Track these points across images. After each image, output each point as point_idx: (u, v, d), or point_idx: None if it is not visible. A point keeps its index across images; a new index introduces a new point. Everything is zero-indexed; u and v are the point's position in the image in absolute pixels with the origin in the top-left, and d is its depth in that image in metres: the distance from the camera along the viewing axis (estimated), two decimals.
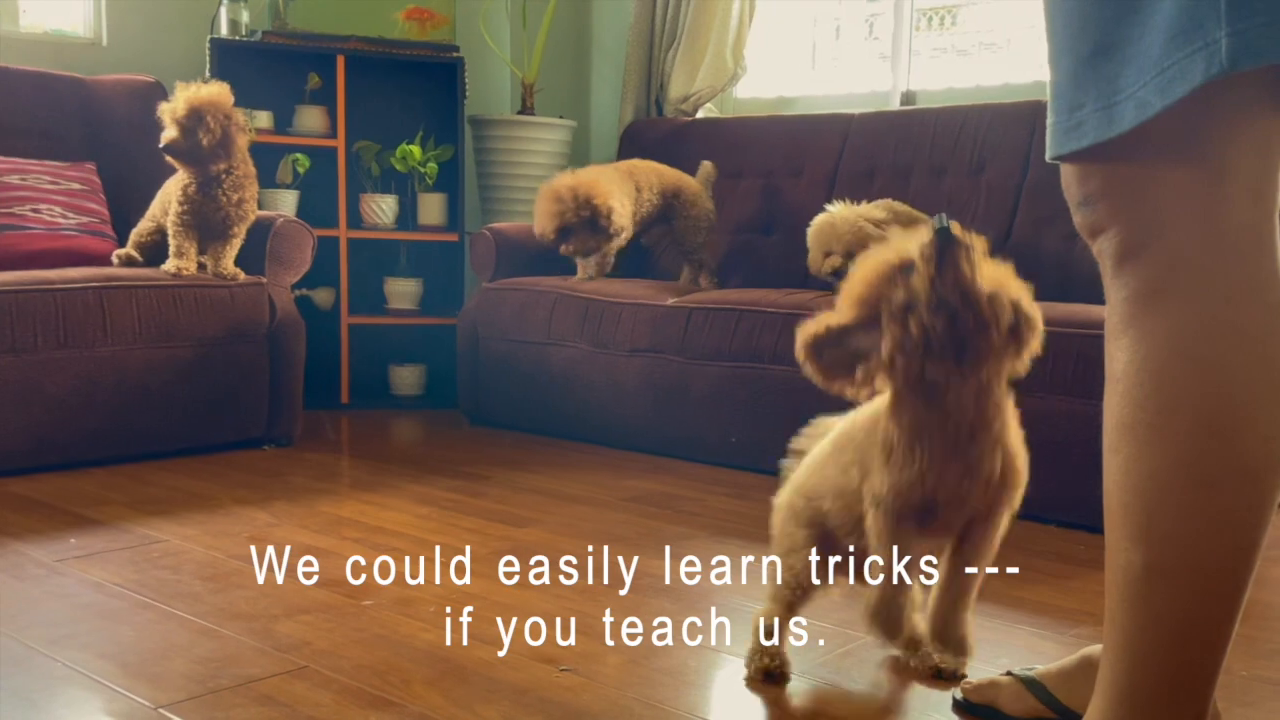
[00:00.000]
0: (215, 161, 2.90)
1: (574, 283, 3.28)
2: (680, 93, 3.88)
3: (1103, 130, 0.96)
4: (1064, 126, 1.00)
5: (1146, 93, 0.93)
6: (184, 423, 2.85)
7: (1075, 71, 0.99)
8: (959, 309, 1.27)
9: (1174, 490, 0.97)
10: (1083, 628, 1.74)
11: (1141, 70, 0.93)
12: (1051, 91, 1.02)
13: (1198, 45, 0.89)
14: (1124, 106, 0.95)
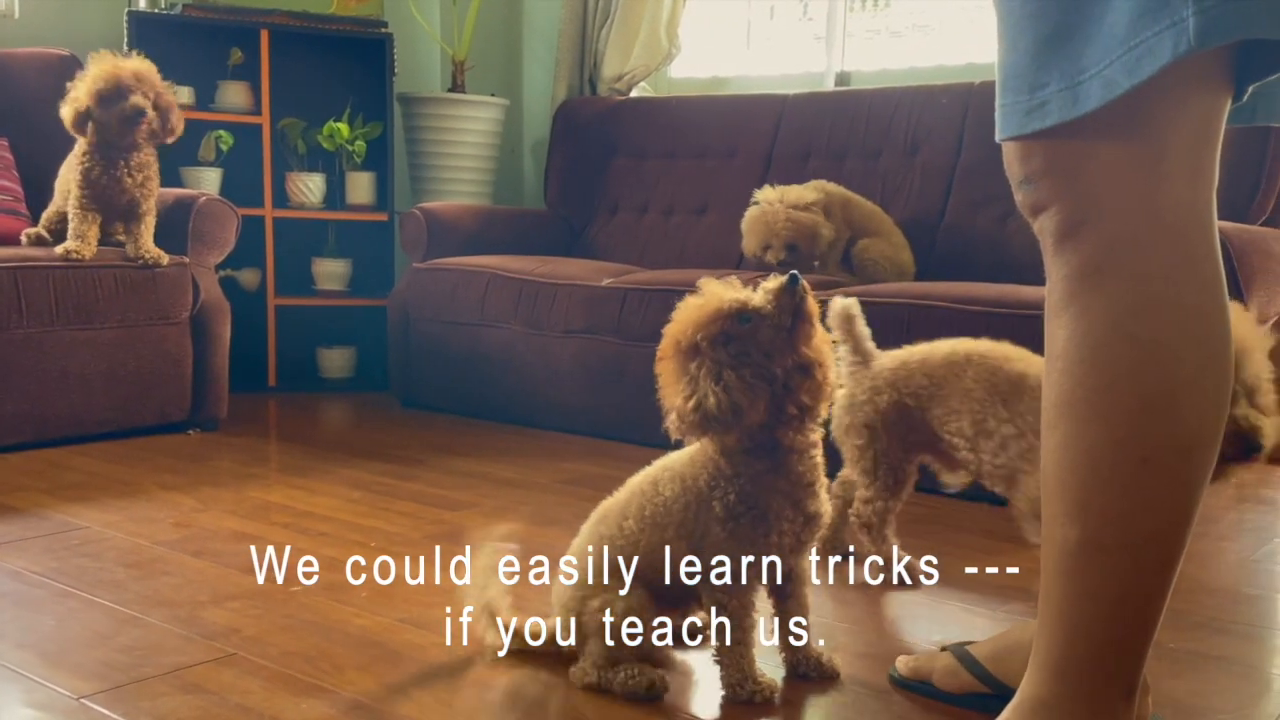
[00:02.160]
0: (166, 138, 2.85)
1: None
2: (614, 71, 3.85)
3: (1067, 110, 0.96)
4: (1025, 107, 0.99)
5: (1113, 71, 0.92)
6: (105, 406, 2.77)
7: (1035, 51, 0.98)
8: (813, 367, 1.33)
9: (1111, 466, 0.98)
10: (1015, 603, 1.77)
11: (1108, 49, 0.92)
12: (1006, 71, 1.01)
13: (1165, 24, 0.89)
14: (1090, 85, 0.94)
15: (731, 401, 1.30)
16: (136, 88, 2.75)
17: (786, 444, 1.36)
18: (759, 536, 1.36)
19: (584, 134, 3.83)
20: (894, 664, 1.45)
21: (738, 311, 1.33)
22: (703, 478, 1.39)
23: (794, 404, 1.34)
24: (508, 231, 3.64)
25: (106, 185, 2.78)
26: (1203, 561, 2.03)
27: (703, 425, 1.32)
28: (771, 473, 1.36)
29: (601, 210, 3.78)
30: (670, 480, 1.42)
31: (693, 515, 1.38)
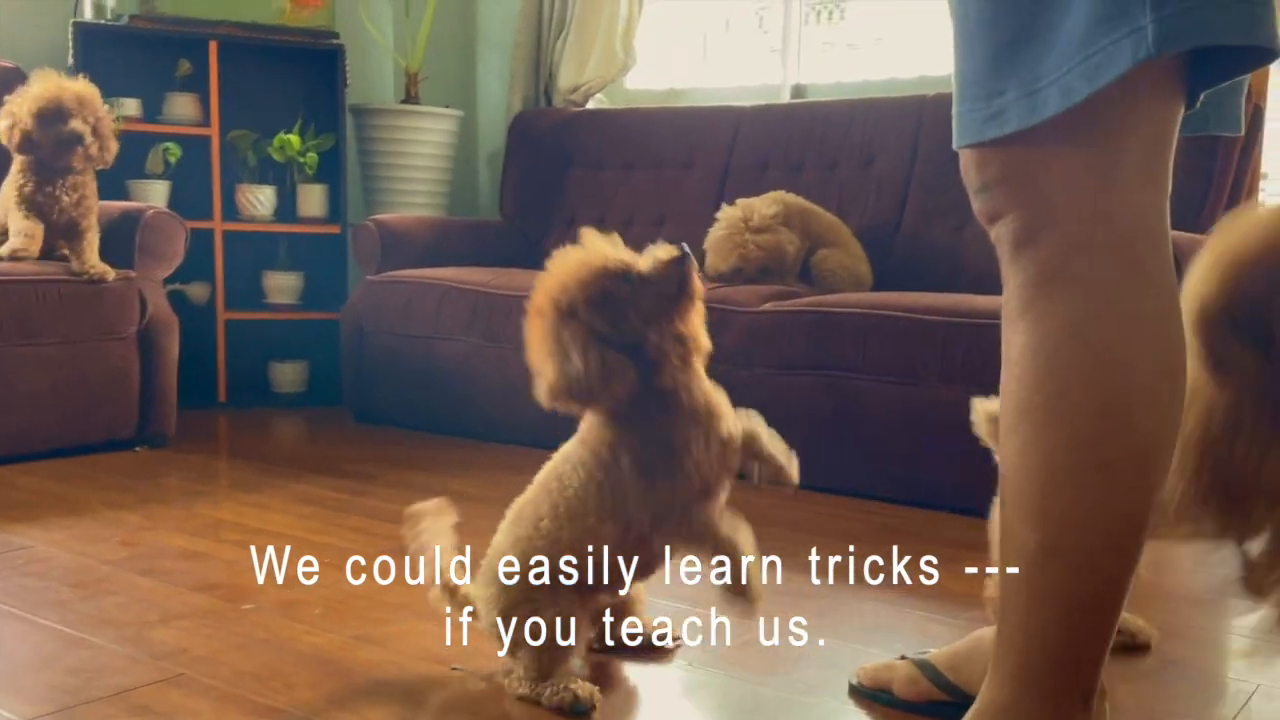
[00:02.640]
0: (102, 164, 2.83)
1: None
2: (570, 83, 3.84)
3: (1025, 117, 0.96)
4: (983, 114, 0.99)
5: (1071, 78, 0.92)
6: (50, 423, 2.70)
7: (993, 58, 0.98)
8: (688, 343, 1.35)
9: (1069, 472, 0.98)
10: (975, 611, 1.76)
11: (1065, 56, 0.93)
12: (964, 79, 1.01)
13: (1124, 30, 0.89)
14: (1048, 92, 0.94)
15: (601, 373, 1.28)
16: (77, 111, 2.72)
17: (670, 385, 1.34)
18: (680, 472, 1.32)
19: (540, 145, 3.82)
20: (854, 673, 1.44)
21: (622, 272, 1.31)
22: (602, 450, 1.36)
23: (667, 373, 1.33)
24: (463, 243, 3.61)
25: (43, 203, 2.74)
26: (1157, 567, 2.05)
27: (570, 395, 1.31)
28: (664, 412, 1.33)
29: (558, 221, 3.76)
30: (572, 469, 1.39)
31: (608, 492, 1.35)
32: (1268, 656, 1.61)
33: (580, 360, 1.30)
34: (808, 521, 2.31)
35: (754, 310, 2.70)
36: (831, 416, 2.55)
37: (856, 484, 2.53)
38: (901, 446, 2.46)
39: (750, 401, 2.69)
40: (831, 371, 2.55)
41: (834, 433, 2.56)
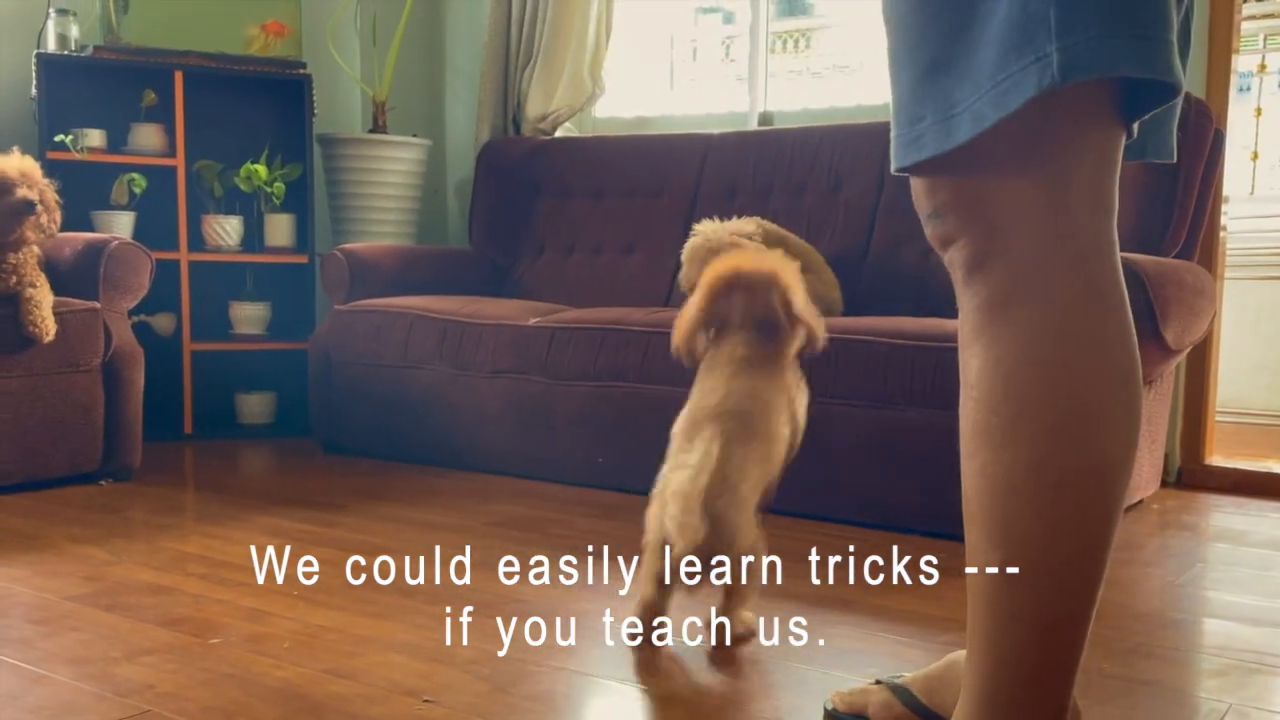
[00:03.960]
0: (51, 233, 2.78)
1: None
2: (538, 111, 3.85)
3: (941, 142, 0.98)
4: (905, 139, 1.02)
5: (982, 105, 0.95)
6: (11, 458, 2.66)
7: (913, 85, 1.01)
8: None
9: (1028, 492, 0.99)
10: (948, 634, 1.76)
11: (977, 84, 0.95)
12: (893, 105, 1.05)
13: (1029, 59, 0.91)
14: (960, 119, 0.97)
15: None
16: (22, 182, 2.67)
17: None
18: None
19: (508, 174, 3.82)
20: (829, 698, 1.44)
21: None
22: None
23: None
24: (432, 272, 3.60)
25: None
26: (1128, 587, 2.06)
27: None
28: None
29: (528, 250, 3.76)
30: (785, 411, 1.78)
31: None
32: (1240, 676, 1.62)
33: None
34: (774, 546, 2.30)
35: None
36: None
37: (823, 508, 2.53)
38: (869, 470, 2.47)
39: None
40: None
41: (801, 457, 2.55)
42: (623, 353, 2.83)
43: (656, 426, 2.77)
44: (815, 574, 2.11)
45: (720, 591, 1.68)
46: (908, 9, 1.01)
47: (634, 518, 2.53)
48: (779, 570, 2.12)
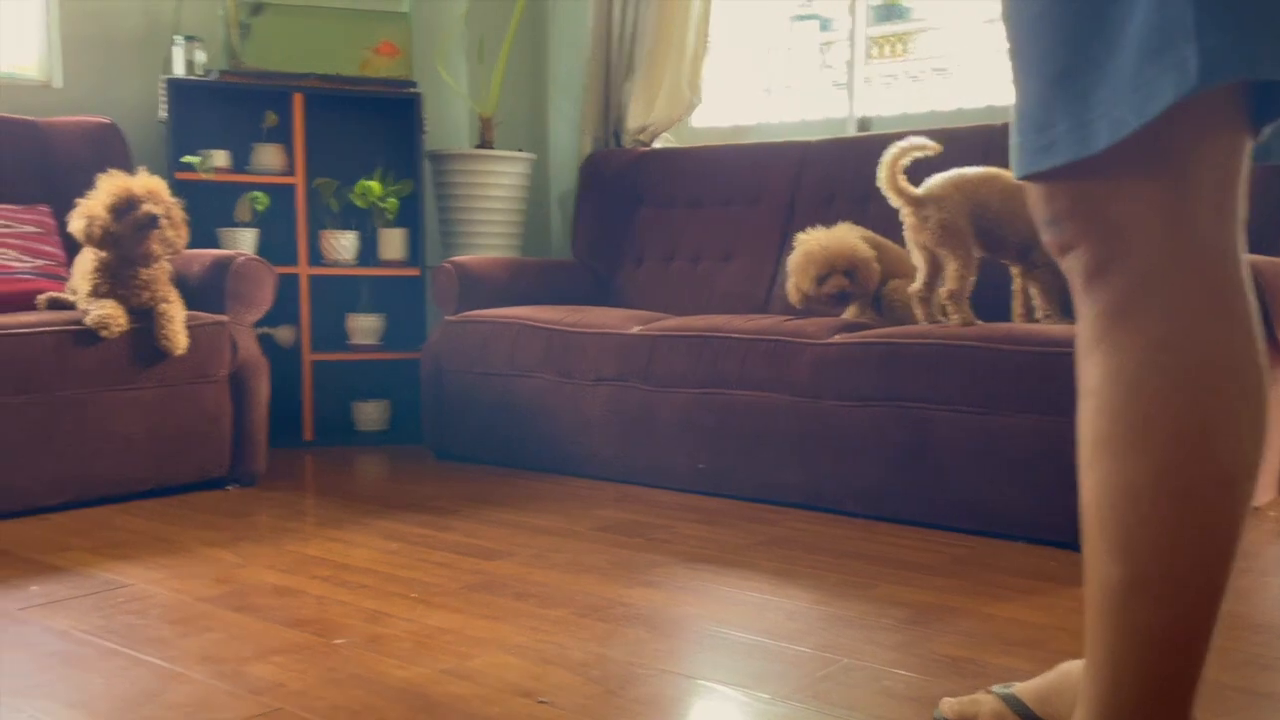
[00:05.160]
0: (179, 249, 2.88)
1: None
2: (638, 123, 3.90)
3: (1077, 149, 0.97)
4: (1034, 146, 1.01)
5: (1121, 111, 0.94)
6: (146, 465, 2.81)
7: (1044, 92, 1.00)
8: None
9: (1151, 502, 0.98)
10: (1057, 643, 1.76)
11: (1115, 89, 0.94)
12: (1018, 111, 1.03)
13: (1169, 63, 0.90)
14: (1098, 125, 0.95)
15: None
16: (147, 198, 2.75)
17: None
18: None
19: (610, 185, 3.89)
20: (938, 707, 1.45)
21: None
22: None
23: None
24: (537, 283, 3.68)
25: (125, 296, 2.78)
26: (1246, 597, 2.02)
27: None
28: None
29: (628, 259, 3.82)
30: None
31: None
32: None
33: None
34: (881, 553, 2.32)
35: (823, 342, 2.72)
36: (903, 447, 2.55)
37: (928, 514, 2.53)
38: (974, 477, 2.46)
39: (820, 432, 2.71)
40: (903, 403, 2.55)
41: (906, 463, 2.56)
42: (722, 360, 2.86)
43: (755, 432, 2.81)
44: (923, 581, 2.11)
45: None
46: (1036, 14, 1.00)
47: (733, 522, 2.57)
48: (888, 581, 2.13)
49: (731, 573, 2.17)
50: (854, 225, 3.05)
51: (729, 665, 1.68)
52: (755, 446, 2.80)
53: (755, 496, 2.80)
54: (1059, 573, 2.16)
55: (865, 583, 2.10)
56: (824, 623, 1.86)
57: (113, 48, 3.64)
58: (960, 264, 2.63)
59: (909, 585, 2.08)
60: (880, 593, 2.03)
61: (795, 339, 2.77)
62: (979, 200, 2.66)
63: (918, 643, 1.76)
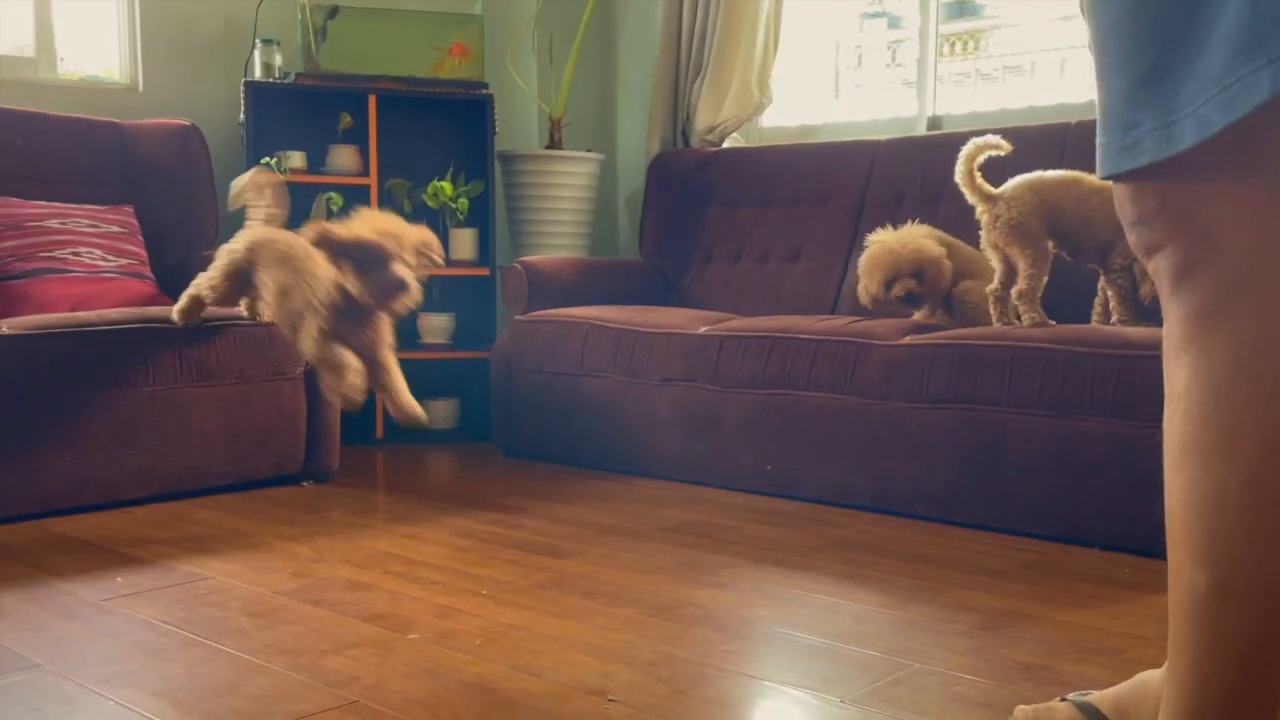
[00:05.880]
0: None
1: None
2: (707, 123, 3.91)
3: (1162, 148, 0.96)
4: (1119, 145, 1.00)
5: (1209, 110, 0.92)
6: (224, 460, 2.88)
7: (1130, 90, 0.99)
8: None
9: (1240, 509, 0.97)
10: (1133, 651, 1.73)
11: (1203, 87, 0.93)
12: (1102, 110, 1.02)
13: (1263, 60, 0.88)
14: (1184, 124, 0.94)
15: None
16: (397, 255, 2.37)
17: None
18: None
19: (678, 185, 3.89)
20: (1012, 714, 1.43)
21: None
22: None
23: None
24: (605, 283, 3.70)
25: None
26: None
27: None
28: None
29: (696, 259, 3.82)
30: None
31: None
32: None
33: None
34: (951, 557, 2.30)
35: (893, 343, 2.70)
36: (974, 450, 2.52)
37: (1000, 519, 2.50)
38: (1046, 481, 2.43)
39: (889, 434, 2.70)
40: (974, 405, 2.53)
41: (977, 467, 2.53)
42: (790, 360, 2.85)
43: (823, 434, 2.80)
44: (994, 586, 2.09)
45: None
46: (1123, 12, 0.99)
47: (801, 525, 2.57)
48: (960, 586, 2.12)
49: (800, 575, 2.17)
50: (925, 225, 3.03)
51: (797, 668, 1.68)
52: (824, 448, 2.79)
53: (823, 499, 2.79)
54: (1133, 579, 2.13)
55: (935, 587, 2.08)
56: (893, 627, 1.86)
57: (193, 51, 3.73)
58: (1030, 264, 2.62)
59: (980, 590, 2.06)
60: (951, 597, 2.01)
61: (864, 340, 2.75)
62: (1053, 203, 2.64)
63: (989, 648, 1.75)
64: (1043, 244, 2.64)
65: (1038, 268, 2.63)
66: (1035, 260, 2.62)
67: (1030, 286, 2.62)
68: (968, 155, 2.70)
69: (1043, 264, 2.63)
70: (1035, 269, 2.62)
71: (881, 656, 1.71)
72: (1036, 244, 2.63)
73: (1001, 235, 2.65)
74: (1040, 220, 2.64)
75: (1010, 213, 2.63)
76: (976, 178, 2.69)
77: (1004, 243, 2.66)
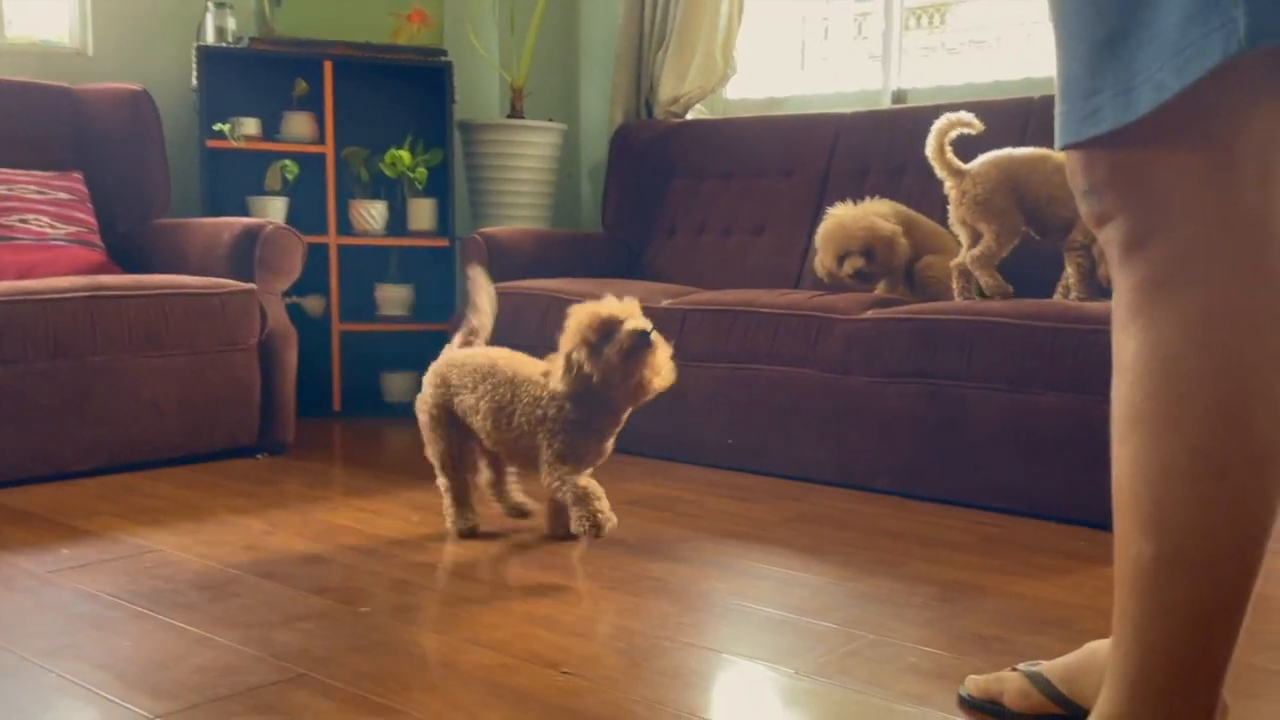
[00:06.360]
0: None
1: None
2: (670, 94, 3.87)
3: (1121, 115, 0.95)
4: (1080, 113, 0.99)
5: (1164, 74, 0.91)
6: (176, 432, 2.83)
7: (1090, 58, 0.98)
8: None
9: (1186, 479, 0.97)
10: (1086, 622, 1.74)
11: (1158, 52, 0.92)
12: (1062, 80, 1.01)
13: (1215, 24, 0.88)
14: (1141, 90, 0.93)
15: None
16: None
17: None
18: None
19: (641, 157, 3.86)
20: (964, 684, 1.43)
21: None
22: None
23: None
24: (567, 254, 3.67)
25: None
26: (1277, 578, 1.98)
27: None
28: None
29: (659, 232, 3.79)
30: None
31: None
32: None
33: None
34: (911, 531, 2.30)
35: (855, 317, 2.69)
36: (935, 424, 2.52)
37: (960, 493, 2.51)
38: (1007, 455, 2.43)
39: (851, 408, 2.69)
40: (935, 380, 2.52)
41: (938, 441, 2.53)
42: (752, 335, 2.84)
43: (785, 408, 2.79)
44: (952, 559, 2.09)
45: None
46: None
47: (764, 499, 2.56)
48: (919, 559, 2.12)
49: (760, 548, 2.16)
50: (886, 200, 3.01)
51: (753, 640, 1.67)
52: (786, 423, 2.78)
53: (786, 473, 2.79)
54: (1089, 552, 2.14)
55: (894, 560, 2.08)
56: (851, 599, 1.85)
57: (144, 14, 3.64)
58: (994, 238, 2.63)
59: (938, 563, 2.06)
60: (909, 570, 2.01)
61: (826, 314, 2.74)
62: (1020, 179, 2.65)
63: (945, 620, 1.75)
64: (1010, 219, 2.64)
65: (1000, 241, 2.64)
66: (999, 234, 2.63)
67: (986, 253, 2.64)
68: (940, 130, 2.70)
69: (1007, 238, 2.64)
70: (998, 242, 2.64)
71: (837, 628, 1.70)
72: (1002, 219, 2.63)
73: (968, 210, 2.66)
74: (1005, 196, 2.64)
75: (976, 189, 2.64)
76: (947, 152, 2.70)
77: (970, 218, 2.67)
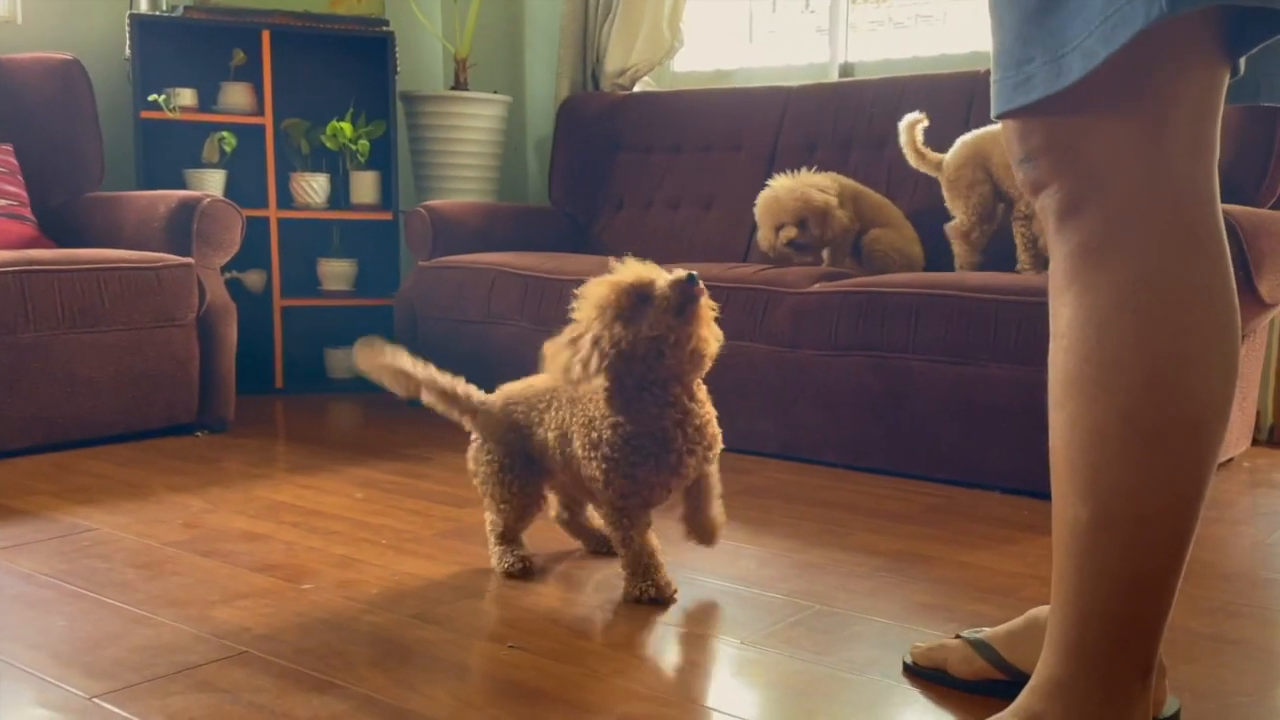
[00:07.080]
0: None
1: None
2: (617, 66, 3.84)
3: (1051, 83, 0.96)
4: (1012, 82, 1.00)
5: (1092, 42, 0.92)
6: (112, 409, 2.77)
7: (1021, 27, 0.98)
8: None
9: (1119, 443, 0.98)
10: (1028, 590, 1.76)
11: (1087, 21, 0.93)
12: (996, 49, 1.02)
13: None
14: (1071, 58, 0.94)
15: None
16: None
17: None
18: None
19: (588, 130, 3.83)
20: (908, 652, 1.44)
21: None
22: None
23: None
24: (513, 228, 3.63)
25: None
26: (1217, 546, 2.02)
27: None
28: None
29: (607, 205, 3.77)
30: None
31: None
32: None
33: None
34: (856, 502, 2.31)
35: (802, 291, 2.69)
36: (881, 397, 2.54)
37: (905, 464, 2.53)
38: (951, 426, 2.45)
39: (798, 381, 2.70)
40: (881, 352, 2.53)
41: (883, 413, 2.55)
42: None
43: (732, 381, 2.78)
44: (897, 530, 2.11)
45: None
46: None
47: None
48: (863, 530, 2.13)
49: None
50: (830, 174, 3.02)
51: (700, 611, 1.67)
52: (733, 396, 2.77)
53: (732, 446, 2.75)
54: (1032, 522, 2.16)
55: (840, 531, 2.09)
56: (797, 570, 1.86)
57: None
58: (964, 209, 2.77)
59: (884, 534, 2.07)
60: (855, 541, 2.02)
61: (774, 288, 2.74)
62: (984, 153, 2.76)
63: (889, 589, 1.76)
64: (978, 191, 2.76)
65: (971, 213, 2.76)
66: (969, 207, 2.76)
67: (960, 224, 2.78)
68: (905, 133, 2.84)
69: (977, 209, 2.76)
70: (970, 214, 2.76)
71: (783, 599, 1.71)
72: (969, 191, 2.76)
73: (948, 189, 2.80)
74: (973, 169, 2.76)
75: (948, 170, 2.79)
76: (920, 148, 2.84)
77: (950, 196, 2.80)
